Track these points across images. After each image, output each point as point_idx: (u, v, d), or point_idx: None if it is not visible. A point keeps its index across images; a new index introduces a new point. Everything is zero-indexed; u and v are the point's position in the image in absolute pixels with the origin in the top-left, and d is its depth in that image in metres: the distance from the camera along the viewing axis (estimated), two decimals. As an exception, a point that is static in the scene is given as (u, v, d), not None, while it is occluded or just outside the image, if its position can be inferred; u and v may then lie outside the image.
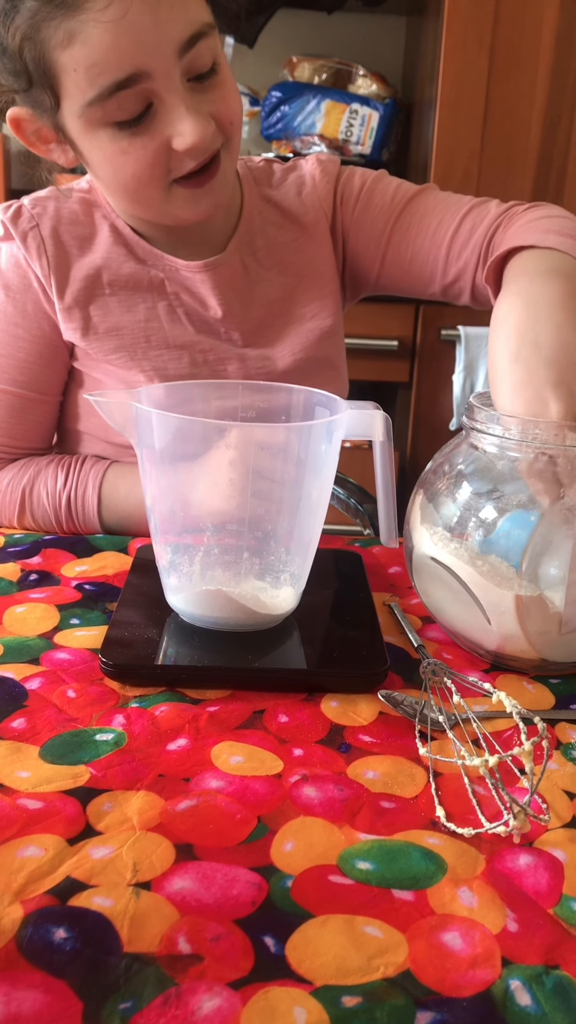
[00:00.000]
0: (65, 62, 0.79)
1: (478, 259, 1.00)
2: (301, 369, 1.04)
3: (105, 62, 0.78)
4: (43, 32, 0.78)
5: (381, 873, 0.49)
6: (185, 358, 1.00)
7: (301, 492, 0.69)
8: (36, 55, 0.80)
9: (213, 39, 0.83)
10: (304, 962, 0.43)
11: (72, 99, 0.81)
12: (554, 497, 0.67)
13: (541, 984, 0.43)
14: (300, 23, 2.42)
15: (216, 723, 0.62)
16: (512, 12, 1.96)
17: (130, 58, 0.78)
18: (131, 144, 0.83)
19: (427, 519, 0.72)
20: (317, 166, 1.06)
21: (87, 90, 0.80)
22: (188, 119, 0.82)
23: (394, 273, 1.06)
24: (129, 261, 0.98)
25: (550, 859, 0.51)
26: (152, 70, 0.79)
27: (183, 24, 0.80)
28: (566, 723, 0.64)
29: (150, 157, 0.84)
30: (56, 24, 0.77)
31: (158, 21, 0.78)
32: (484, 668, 0.72)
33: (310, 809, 0.54)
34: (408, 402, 2.21)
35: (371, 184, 1.05)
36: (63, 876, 0.48)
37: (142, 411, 0.66)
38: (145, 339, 0.99)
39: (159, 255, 0.99)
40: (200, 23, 0.81)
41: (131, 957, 0.43)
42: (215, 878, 0.48)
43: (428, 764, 0.59)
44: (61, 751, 0.58)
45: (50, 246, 0.97)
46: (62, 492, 0.98)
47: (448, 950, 0.44)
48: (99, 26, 0.77)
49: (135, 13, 0.77)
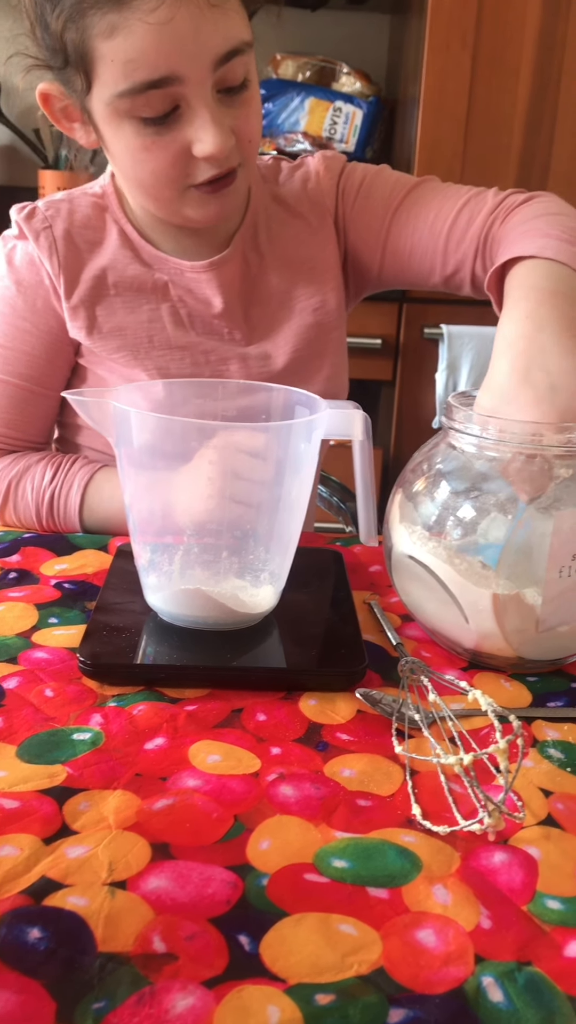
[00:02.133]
0: (104, 51, 0.81)
1: (476, 251, 1.00)
2: (301, 364, 1.05)
3: (143, 59, 0.80)
4: (88, 18, 0.80)
5: (356, 871, 0.50)
6: (187, 359, 1.01)
7: (280, 491, 0.70)
8: (77, 38, 0.82)
9: (249, 56, 0.86)
10: (278, 960, 0.44)
11: (104, 87, 0.84)
12: (532, 494, 0.67)
13: (513, 980, 0.43)
14: (284, 20, 2.41)
15: (194, 722, 0.62)
16: (495, 12, 1.97)
17: (167, 61, 0.81)
18: (153, 142, 0.85)
19: (406, 518, 0.73)
20: (322, 162, 1.07)
21: (120, 82, 0.82)
22: (211, 128, 0.84)
23: (395, 265, 1.07)
24: (134, 264, 1.00)
25: (525, 856, 0.51)
26: (186, 76, 0.82)
27: (223, 38, 0.82)
28: (542, 721, 0.65)
29: (170, 158, 0.86)
30: (102, 14, 0.79)
31: (200, 31, 0.81)
32: (462, 666, 0.72)
33: (286, 808, 0.54)
34: (391, 400, 2.22)
35: (371, 178, 1.06)
36: (38, 876, 0.48)
37: (120, 410, 0.66)
38: (148, 339, 1.00)
39: (164, 258, 1.01)
40: (239, 40, 0.84)
41: (105, 956, 0.43)
42: (191, 877, 0.49)
43: (405, 762, 0.59)
44: (38, 750, 0.58)
45: (62, 247, 0.99)
46: (47, 488, 0.98)
47: (422, 947, 0.45)
48: (144, 25, 0.79)
49: (180, 20, 0.80)
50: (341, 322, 1.09)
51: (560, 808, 0.56)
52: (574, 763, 0.60)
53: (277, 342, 1.04)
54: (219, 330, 1.02)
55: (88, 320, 0.99)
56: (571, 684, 0.70)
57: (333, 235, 1.07)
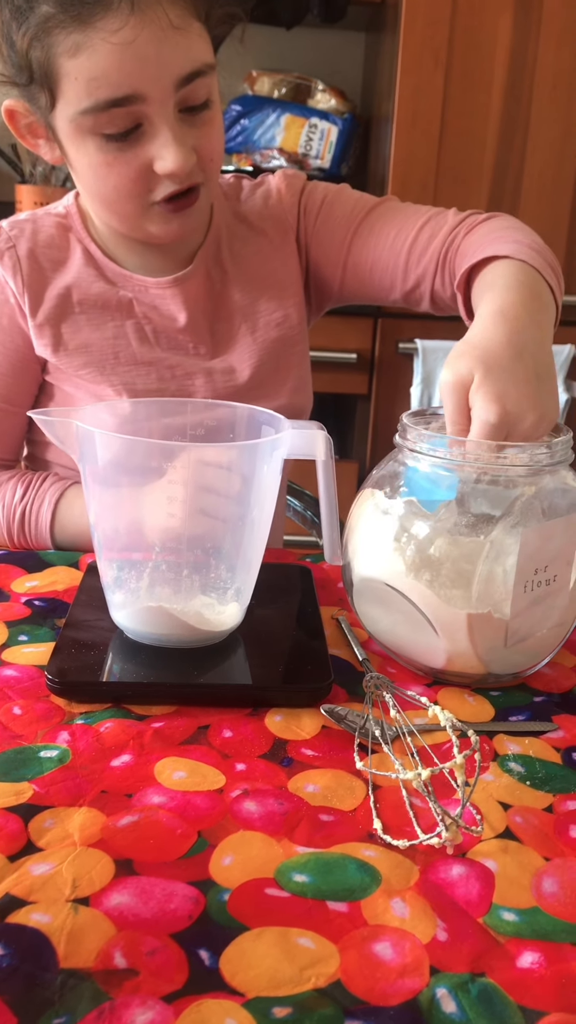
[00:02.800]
0: (68, 69, 0.83)
1: (436, 265, 1.02)
2: (266, 378, 1.07)
3: (106, 78, 0.83)
4: (53, 37, 0.82)
5: (317, 885, 0.50)
6: (153, 374, 1.02)
7: (244, 510, 0.71)
8: (42, 56, 0.84)
9: (211, 78, 0.89)
10: (238, 974, 0.44)
11: (68, 104, 0.86)
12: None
13: (467, 991, 0.44)
14: (260, 38, 2.44)
15: (160, 739, 0.63)
16: (467, 30, 2.00)
17: (129, 80, 0.83)
18: (116, 158, 0.88)
19: (368, 541, 0.73)
20: (283, 180, 1.10)
21: (84, 99, 0.84)
22: (172, 146, 0.86)
23: (355, 281, 1.09)
24: (99, 282, 1.02)
25: (482, 869, 0.52)
26: (148, 95, 0.84)
27: (185, 60, 0.85)
28: (504, 735, 0.66)
29: (132, 174, 0.88)
30: (67, 32, 0.82)
31: (162, 52, 0.83)
32: (427, 682, 0.73)
33: (250, 823, 0.55)
34: (367, 414, 2.23)
35: (332, 196, 1.08)
36: (2, 893, 0.48)
37: (84, 430, 0.67)
38: (113, 356, 1.01)
39: (128, 276, 1.02)
40: (201, 62, 0.86)
41: (67, 973, 0.44)
42: (153, 893, 0.49)
43: (367, 777, 0.60)
44: (5, 768, 0.59)
45: (26, 265, 1.00)
46: (18, 505, 0.99)
47: (378, 960, 0.46)
48: (107, 44, 0.81)
49: (143, 41, 0.82)
50: (303, 336, 1.11)
51: (519, 821, 0.57)
52: (534, 776, 0.61)
53: (242, 356, 1.06)
54: (184, 345, 1.04)
55: (54, 338, 1.01)
56: (533, 698, 0.72)
57: (295, 251, 1.09)
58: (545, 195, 2.09)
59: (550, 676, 0.75)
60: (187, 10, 0.85)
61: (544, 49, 2.01)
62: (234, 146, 2.40)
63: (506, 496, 0.69)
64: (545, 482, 0.70)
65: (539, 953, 0.47)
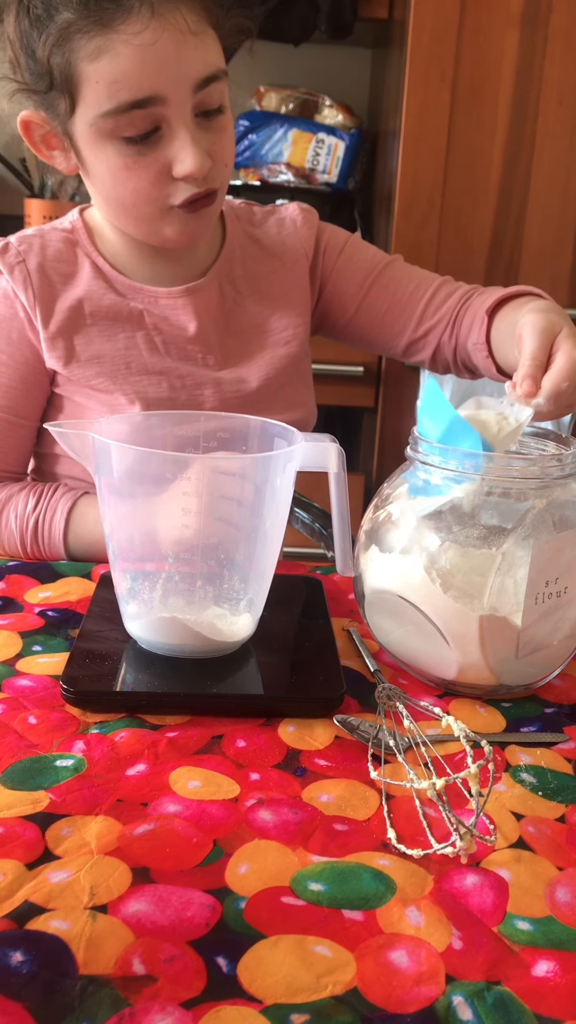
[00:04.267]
0: (90, 73, 0.86)
1: (450, 319, 1.11)
2: (272, 391, 1.10)
3: (127, 80, 0.86)
4: (74, 42, 0.85)
5: (332, 894, 0.51)
6: (164, 383, 1.04)
7: (256, 521, 0.71)
8: (63, 61, 0.87)
9: (225, 85, 0.92)
10: (255, 981, 0.45)
11: (88, 108, 0.88)
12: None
13: (483, 1000, 0.44)
14: (268, 54, 2.45)
15: (175, 748, 0.64)
16: (473, 47, 2.01)
17: (151, 81, 0.86)
18: (135, 161, 0.90)
19: (378, 553, 0.74)
20: (299, 212, 1.15)
21: (105, 102, 0.87)
22: (190, 148, 0.89)
23: (366, 320, 1.16)
24: (109, 294, 1.04)
25: (496, 879, 0.53)
26: (167, 96, 0.87)
27: (203, 64, 0.88)
28: (516, 746, 0.66)
29: (151, 177, 0.91)
30: (89, 37, 0.85)
31: (181, 55, 0.86)
32: (438, 693, 0.74)
33: (265, 832, 0.56)
34: (373, 427, 2.24)
35: (354, 242, 1.16)
36: (21, 900, 0.49)
37: (100, 441, 0.67)
38: (125, 366, 1.03)
39: (138, 287, 1.04)
40: (216, 67, 0.90)
41: (87, 979, 0.44)
42: (170, 900, 0.50)
43: (381, 787, 0.60)
44: (21, 777, 0.59)
45: (36, 279, 1.02)
46: (31, 515, 0.99)
47: (395, 968, 0.46)
48: (129, 46, 0.85)
49: (164, 43, 0.85)
50: (307, 354, 1.16)
51: (531, 831, 0.57)
52: (546, 787, 0.62)
53: (251, 369, 1.08)
54: (193, 355, 1.06)
55: (66, 350, 1.02)
56: (544, 709, 0.72)
57: (307, 278, 1.14)
58: (551, 211, 2.10)
59: (561, 687, 0.76)
60: (203, 16, 0.89)
61: (550, 66, 2.02)
62: (242, 161, 2.42)
63: (517, 508, 0.70)
64: (556, 494, 0.70)
65: (554, 962, 0.47)
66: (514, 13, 1.99)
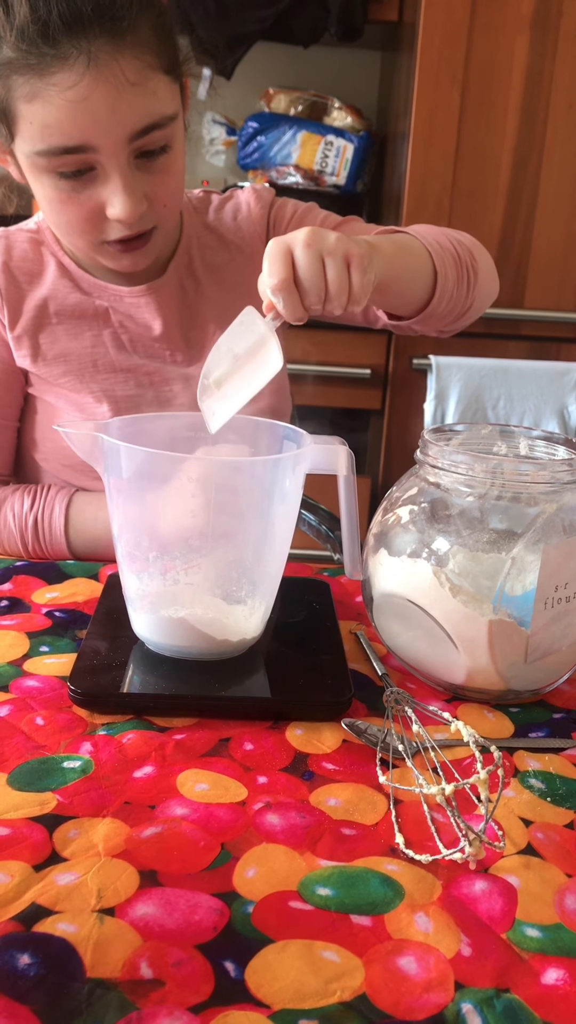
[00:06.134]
0: (24, 112, 0.85)
1: None
2: None
3: (58, 127, 0.84)
4: (12, 80, 0.83)
5: (340, 899, 0.51)
6: (131, 380, 1.05)
7: (265, 523, 0.71)
8: (3, 94, 0.85)
9: (171, 128, 0.89)
10: (263, 986, 0.45)
11: (24, 142, 0.87)
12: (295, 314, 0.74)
13: (492, 1007, 0.44)
14: (277, 56, 2.45)
15: (182, 751, 0.63)
16: (483, 50, 2.01)
17: (81, 132, 0.84)
18: (70, 197, 0.90)
19: (387, 557, 0.74)
20: (252, 194, 1.13)
21: (37, 142, 0.86)
22: (121, 194, 0.88)
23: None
24: (75, 293, 1.04)
25: (504, 885, 0.52)
26: (99, 146, 0.85)
27: (140, 114, 0.85)
28: (524, 751, 0.66)
29: (84, 214, 0.91)
30: (25, 79, 0.83)
31: (117, 108, 0.84)
32: (446, 697, 0.73)
33: (272, 836, 0.55)
34: (380, 429, 2.24)
35: (302, 212, 1.12)
36: (28, 902, 0.49)
37: (109, 443, 0.67)
38: (92, 364, 1.04)
39: (103, 286, 1.05)
40: (159, 115, 0.87)
41: (94, 982, 0.44)
42: (178, 904, 0.49)
43: (389, 792, 0.60)
44: (29, 778, 0.59)
45: (2, 280, 1.03)
46: (28, 514, 1.00)
47: (403, 974, 0.46)
48: (61, 98, 0.82)
49: (97, 97, 0.83)
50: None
51: (540, 837, 0.57)
52: (554, 793, 0.61)
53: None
54: (160, 353, 1.07)
55: (32, 348, 1.03)
56: (553, 715, 0.72)
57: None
58: (560, 214, 2.10)
59: (569, 693, 0.75)
60: (149, 64, 0.85)
61: (560, 69, 2.02)
62: (250, 163, 2.42)
63: (527, 513, 0.70)
64: (566, 499, 0.70)
65: (564, 970, 0.47)
66: (524, 16, 1.98)
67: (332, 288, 0.76)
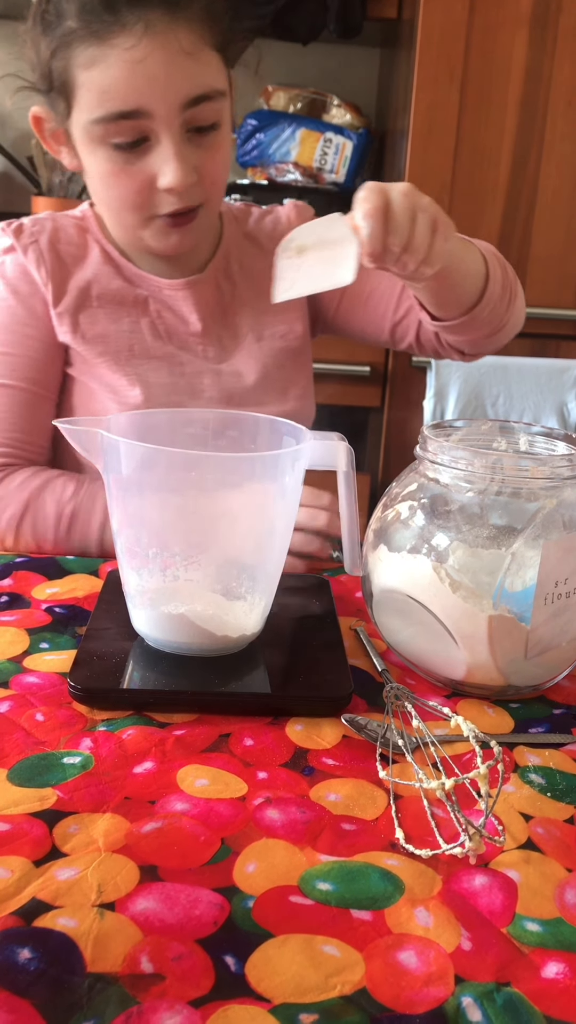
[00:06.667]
0: (83, 80, 0.90)
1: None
2: (271, 384, 1.12)
3: (116, 91, 0.89)
4: (73, 49, 0.89)
5: (341, 894, 0.51)
6: (164, 369, 1.07)
7: (265, 519, 0.71)
8: (62, 66, 0.91)
9: (220, 104, 0.94)
10: (263, 980, 0.45)
11: (81, 112, 0.92)
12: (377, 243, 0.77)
13: (492, 1001, 0.44)
14: (276, 53, 2.45)
15: (182, 746, 0.63)
16: (482, 47, 2.01)
17: (137, 95, 0.89)
18: (123, 169, 0.93)
19: (386, 552, 0.74)
20: (293, 209, 1.18)
21: (95, 109, 0.91)
22: (173, 162, 0.92)
23: (352, 305, 1.17)
24: (117, 279, 1.07)
25: (504, 879, 0.52)
26: (154, 111, 0.90)
27: (192, 84, 0.91)
28: (524, 746, 0.66)
29: (136, 186, 0.94)
30: (85, 46, 0.89)
31: (171, 74, 0.89)
32: (446, 693, 0.73)
33: (272, 831, 0.55)
34: (379, 427, 2.24)
35: None
36: (28, 897, 0.49)
37: (109, 439, 0.67)
38: (128, 348, 1.07)
39: (144, 276, 1.08)
40: (210, 87, 0.92)
41: (94, 977, 0.44)
42: (178, 899, 0.50)
43: (389, 787, 0.60)
44: (29, 774, 0.59)
45: (48, 258, 1.05)
46: (70, 501, 0.99)
47: (403, 968, 0.46)
48: (120, 60, 0.88)
49: (154, 60, 0.89)
50: (307, 347, 1.18)
51: (540, 832, 0.57)
52: (554, 788, 0.61)
53: (247, 363, 1.11)
54: (193, 347, 1.09)
55: (72, 326, 1.06)
56: (553, 710, 0.72)
57: None
58: (559, 212, 2.10)
59: (569, 688, 0.75)
60: (202, 38, 0.91)
61: (559, 66, 2.02)
62: (249, 160, 2.42)
63: (527, 508, 0.70)
64: (566, 495, 0.70)
65: (564, 964, 0.47)
66: (523, 13, 1.98)
67: (416, 239, 0.79)
